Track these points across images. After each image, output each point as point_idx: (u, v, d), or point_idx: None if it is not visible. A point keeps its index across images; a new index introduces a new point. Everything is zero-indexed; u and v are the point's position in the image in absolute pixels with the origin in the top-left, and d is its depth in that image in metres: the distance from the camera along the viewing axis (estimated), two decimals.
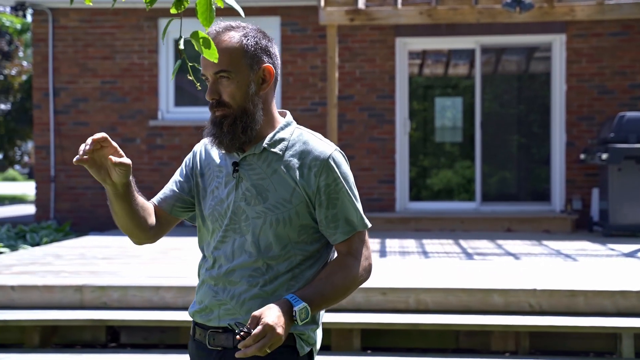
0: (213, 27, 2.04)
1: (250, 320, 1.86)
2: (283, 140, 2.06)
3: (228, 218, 2.06)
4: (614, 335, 4.61)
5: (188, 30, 1.77)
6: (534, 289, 4.74)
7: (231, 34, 2.04)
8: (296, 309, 1.89)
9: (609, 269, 5.83)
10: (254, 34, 2.06)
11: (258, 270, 2.03)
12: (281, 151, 2.05)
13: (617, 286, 4.81)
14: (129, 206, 2.03)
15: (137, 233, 2.10)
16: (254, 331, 1.83)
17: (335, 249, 2.10)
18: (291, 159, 2.04)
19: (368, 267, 2.08)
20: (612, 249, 7.15)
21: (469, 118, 10.25)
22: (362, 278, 2.06)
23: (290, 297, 1.91)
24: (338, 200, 2.03)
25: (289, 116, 2.14)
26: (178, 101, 10.17)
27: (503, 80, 10.66)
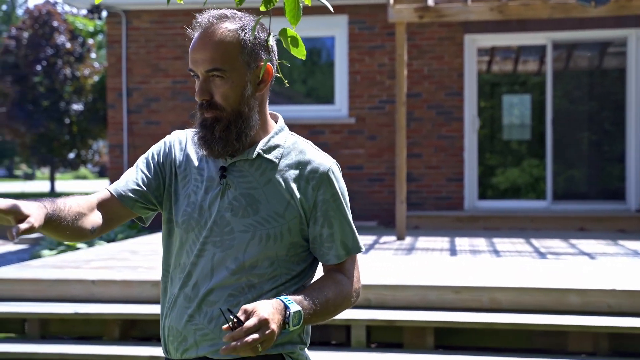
0: (206, 15, 1.81)
1: (240, 312, 1.62)
2: (278, 146, 1.86)
3: (208, 229, 1.81)
4: None
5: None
6: (613, 289, 4.64)
7: (226, 26, 1.79)
8: (290, 312, 1.66)
9: None
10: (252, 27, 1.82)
11: (239, 289, 1.78)
12: (276, 159, 1.84)
13: None
14: (57, 231, 1.71)
15: (75, 240, 1.80)
16: (247, 323, 1.58)
17: (322, 267, 1.93)
18: (287, 169, 1.83)
19: (358, 290, 1.91)
20: None
21: (538, 115, 10.07)
22: (353, 299, 1.88)
23: (283, 298, 1.69)
24: (335, 219, 1.85)
25: (282, 120, 1.93)
26: None
27: (574, 76, 10.44)
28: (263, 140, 1.84)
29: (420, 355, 4.50)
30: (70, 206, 1.73)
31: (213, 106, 1.78)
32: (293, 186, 1.81)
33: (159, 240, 2.13)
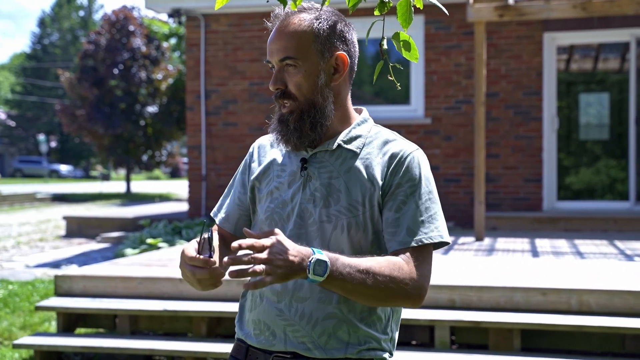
0: (284, 9, 1.82)
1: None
2: (360, 137, 1.83)
3: (292, 222, 1.79)
4: None
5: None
6: None
7: (302, 16, 1.79)
8: (315, 257, 1.56)
9: None
10: (328, 17, 1.79)
11: None
12: (358, 149, 1.80)
13: None
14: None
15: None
16: (263, 240, 1.53)
17: None
18: (369, 157, 1.79)
19: (420, 286, 1.70)
20: None
21: (616, 114, 9.81)
22: (409, 290, 1.68)
23: (314, 248, 1.61)
24: (406, 204, 1.75)
25: (366, 113, 1.90)
26: None
27: None
28: (344, 131, 1.82)
29: (506, 357, 4.46)
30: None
31: (287, 95, 1.77)
32: (375, 173, 1.77)
33: None
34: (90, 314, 5.31)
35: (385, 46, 1.83)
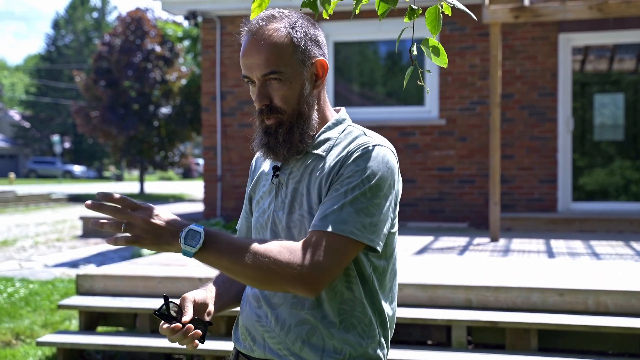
0: (254, 20, 1.75)
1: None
2: (328, 140, 1.78)
3: (269, 230, 1.79)
4: None
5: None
6: None
7: (276, 26, 1.72)
8: (190, 227, 1.53)
9: None
10: (302, 23, 1.75)
11: None
12: (324, 152, 1.76)
13: None
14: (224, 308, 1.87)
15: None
16: (140, 202, 1.54)
17: None
18: (332, 158, 1.73)
19: (310, 274, 1.58)
20: None
21: (631, 115, 9.81)
22: (295, 277, 1.57)
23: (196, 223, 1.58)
24: (338, 191, 1.65)
25: (343, 113, 1.84)
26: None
27: None
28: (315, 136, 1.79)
29: (523, 357, 4.49)
30: (224, 291, 1.87)
31: (274, 110, 1.72)
32: (332, 171, 1.71)
33: None
34: (111, 313, 5.39)
35: (415, 52, 1.88)
